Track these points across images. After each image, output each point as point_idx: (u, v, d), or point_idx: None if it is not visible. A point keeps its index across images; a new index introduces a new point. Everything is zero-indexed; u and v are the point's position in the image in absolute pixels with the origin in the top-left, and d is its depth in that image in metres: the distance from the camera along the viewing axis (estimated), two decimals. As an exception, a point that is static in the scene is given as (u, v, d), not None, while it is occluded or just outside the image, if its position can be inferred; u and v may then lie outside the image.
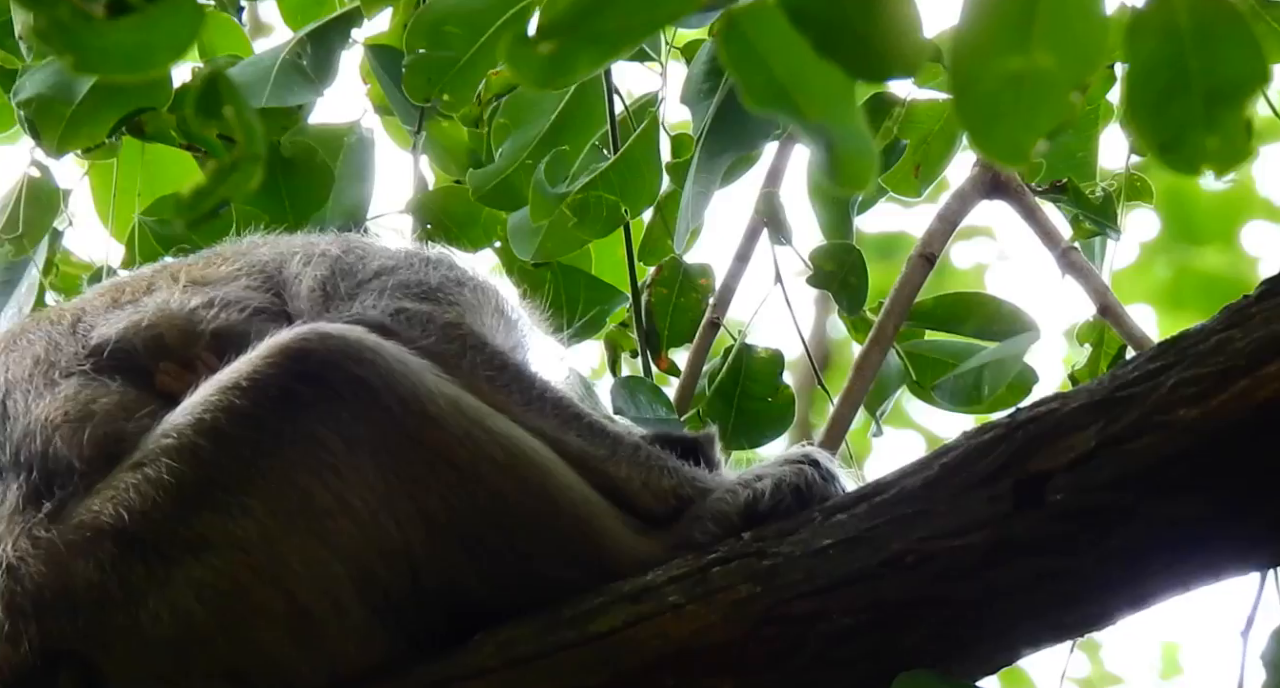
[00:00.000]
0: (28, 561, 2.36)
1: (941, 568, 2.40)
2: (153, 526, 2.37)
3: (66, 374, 2.50)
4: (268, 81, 3.41)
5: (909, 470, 2.49)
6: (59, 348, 2.55)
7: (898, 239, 5.93)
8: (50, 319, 2.66)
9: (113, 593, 2.36)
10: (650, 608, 2.40)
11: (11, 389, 2.51)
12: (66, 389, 2.47)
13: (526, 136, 3.48)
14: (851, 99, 1.88)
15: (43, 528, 2.38)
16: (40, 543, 2.37)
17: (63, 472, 2.42)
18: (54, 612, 2.36)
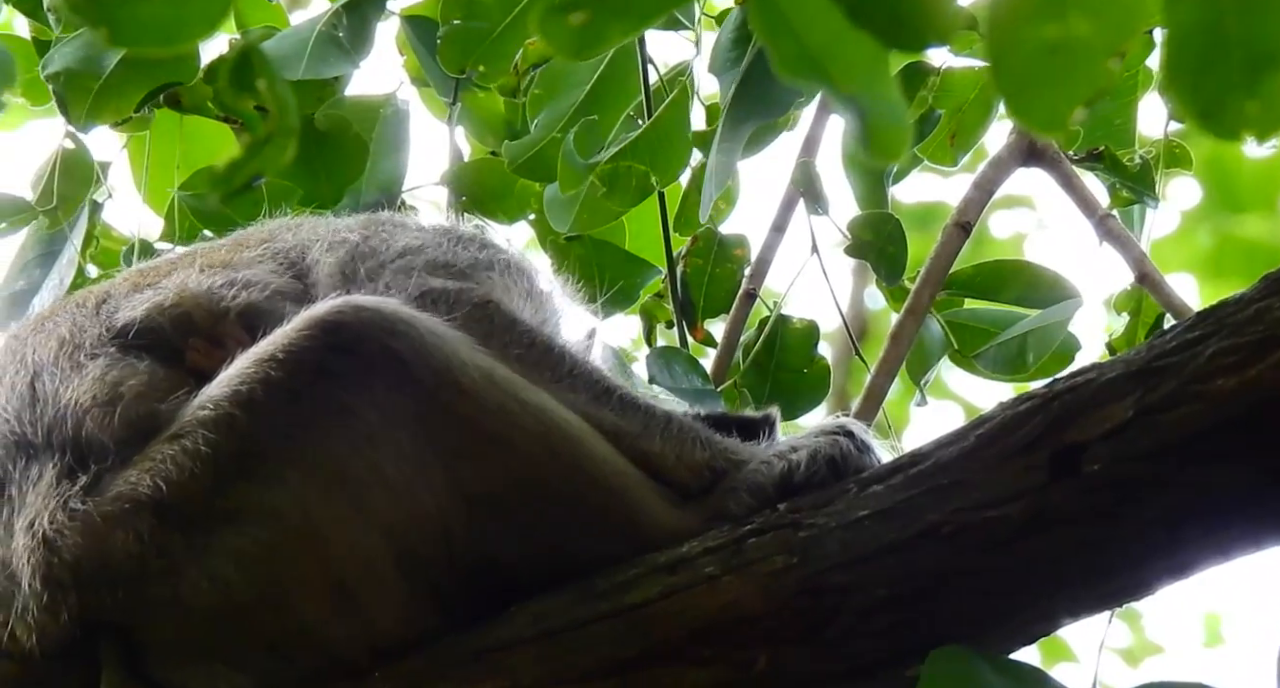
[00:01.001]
0: (65, 533, 2.38)
1: (977, 539, 2.39)
2: (190, 496, 2.38)
3: (93, 356, 2.51)
4: (304, 54, 3.41)
5: (945, 441, 2.48)
6: (84, 330, 2.56)
7: (935, 209, 5.90)
8: (75, 303, 2.67)
9: (151, 564, 2.37)
10: (685, 579, 2.41)
11: (39, 372, 2.52)
12: (94, 371, 2.49)
13: (561, 107, 3.47)
14: (885, 68, 1.87)
15: (79, 501, 2.39)
16: (77, 515, 2.38)
17: (96, 450, 2.43)
18: (92, 583, 2.37)
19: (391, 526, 2.40)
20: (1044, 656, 6.09)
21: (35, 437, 2.46)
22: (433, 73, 3.51)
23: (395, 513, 2.41)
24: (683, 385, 3.36)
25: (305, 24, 3.48)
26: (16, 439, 2.46)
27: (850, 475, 2.51)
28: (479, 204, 3.58)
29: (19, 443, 2.46)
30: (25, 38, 3.61)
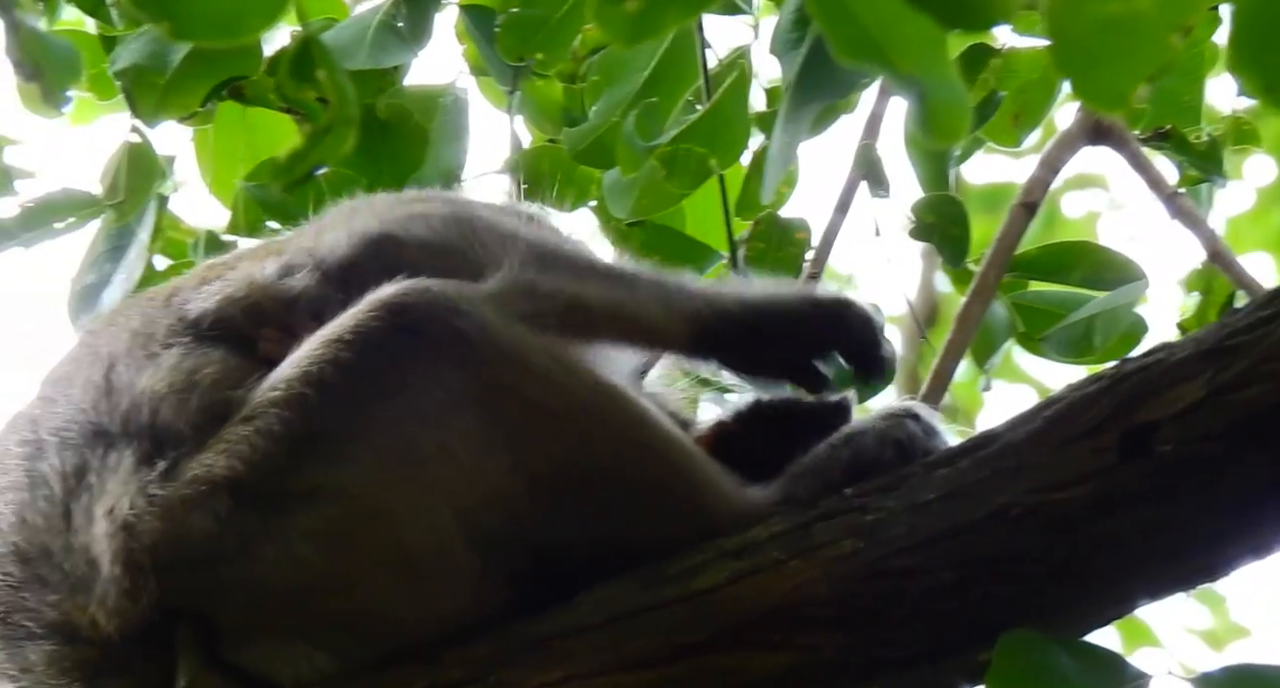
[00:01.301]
0: (144, 518, 2.40)
1: (1045, 521, 2.37)
2: (264, 476, 2.40)
3: (167, 346, 2.54)
4: (364, 43, 3.43)
5: (1013, 424, 2.46)
6: (155, 322, 2.59)
7: (1004, 189, 5.86)
8: (146, 298, 2.71)
9: (228, 545, 2.39)
10: (752, 564, 2.40)
11: (114, 363, 2.55)
12: (169, 360, 2.51)
13: (620, 93, 3.47)
14: (944, 50, 1.86)
15: (157, 486, 2.41)
16: (156, 501, 2.40)
17: (173, 437, 2.46)
18: (171, 566, 2.39)
19: (460, 506, 2.41)
20: (1124, 639, 6.04)
21: (112, 425, 2.49)
22: (491, 61, 3.52)
23: (464, 493, 2.42)
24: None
25: (365, 14, 3.49)
26: (94, 428, 2.49)
27: (917, 459, 2.50)
28: (540, 191, 3.58)
29: (96, 432, 2.49)
30: (91, 33, 3.65)
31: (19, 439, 2.57)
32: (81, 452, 2.48)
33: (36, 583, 2.46)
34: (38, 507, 2.47)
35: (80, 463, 2.47)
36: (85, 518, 2.44)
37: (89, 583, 2.42)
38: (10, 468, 2.54)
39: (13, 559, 2.48)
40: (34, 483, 2.49)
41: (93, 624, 2.42)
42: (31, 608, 2.47)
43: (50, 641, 2.46)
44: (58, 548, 2.45)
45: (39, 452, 2.52)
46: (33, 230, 3.64)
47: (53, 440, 2.52)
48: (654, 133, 3.38)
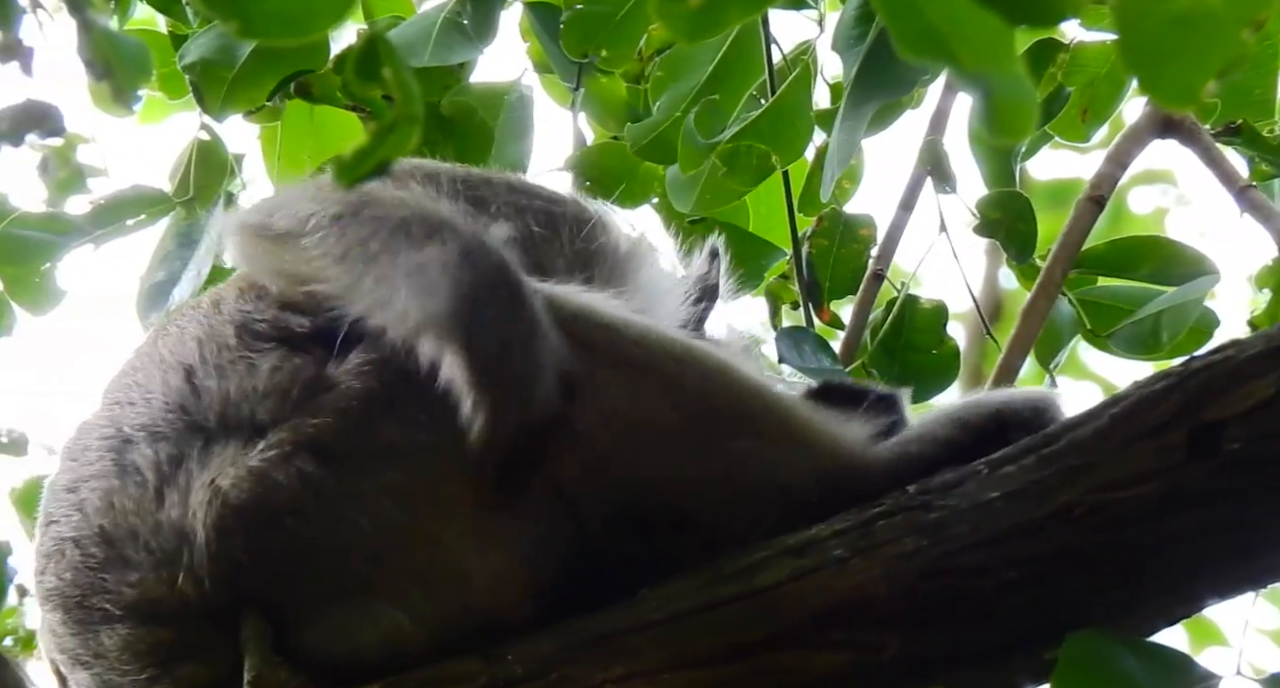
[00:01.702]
0: (239, 484, 2.44)
1: (1110, 520, 2.36)
2: (343, 435, 2.43)
3: (254, 350, 2.56)
4: (429, 41, 3.45)
5: (1077, 421, 2.44)
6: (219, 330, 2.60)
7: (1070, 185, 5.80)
8: (191, 308, 2.71)
9: (309, 503, 2.42)
10: (814, 562, 2.39)
11: (191, 369, 2.57)
12: (264, 362, 2.53)
13: (683, 89, 3.47)
14: (1010, 46, 1.84)
15: (255, 458, 2.45)
16: (252, 471, 2.44)
17: (274, 426, 2.48)
18: (258, 528, 2.42)
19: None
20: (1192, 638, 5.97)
21: (209, 422, 2.52)
22: (556, 58, 3.53)
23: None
24: (811, 366, 3.34)
25: (430, 11, 3.52)
26: (188, 424, 2.52)
27: (1052, 423, 2.49)
28: (603, 188, 3.59)
29: (191, 426, 2.52)
30: (162, 32, 3.69)
31: (100, 435, 2.59)
32: (177, 443, 2.51)
33: (119, 564, 2.49)
34: (128, 492, 2.50)
35: (177, 453, 2.50)
36: (180, 496, 2.46)
37: (176, 556, 2.44)
38: (95, 460, 2.57)
39: (96, 542, 2.51)
40: (124, 471, 2.52)
41: (174, 597, 2.44)
42: (110, 590, 2.49)
43: (126, 624, 2.48)
44: (146, 528, 2.47)
45: (127, 444, 2.54)
46: (104, 228, 3.69)
47: (141, 435, 2.54)
48: (716, 129, 3.37)
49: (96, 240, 3.69)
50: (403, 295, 2.41)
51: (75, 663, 2.55)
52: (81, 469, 2.58)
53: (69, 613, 2.54)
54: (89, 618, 2.52)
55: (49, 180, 3.64)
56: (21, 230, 3.63)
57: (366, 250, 2.47)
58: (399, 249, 2.46)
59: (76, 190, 3.70)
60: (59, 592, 2.55)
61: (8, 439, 4.16)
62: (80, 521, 2.54)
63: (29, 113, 2.38)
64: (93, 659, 2.52)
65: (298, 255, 2.54)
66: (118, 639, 2.49)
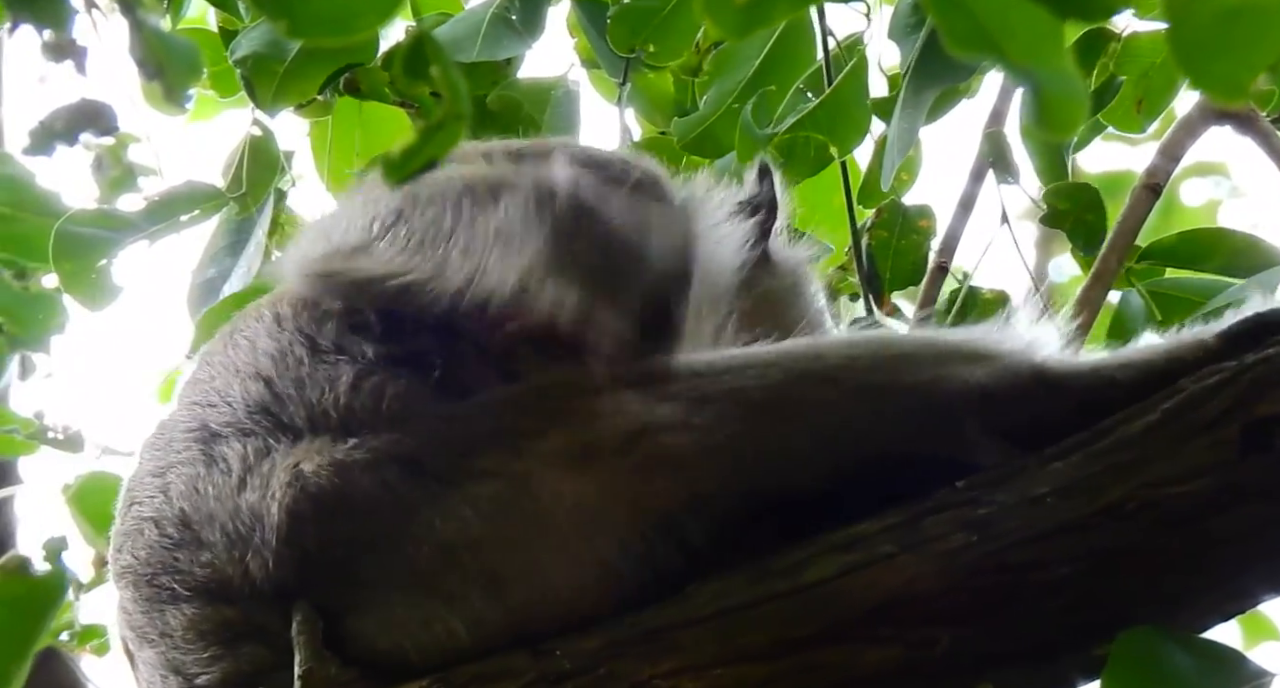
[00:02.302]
0: (321, 472, 2.45)
1: (1163, 515, 2.34)
2: (440, 457, 2.44)
3: (329, 362, 2.58)
4: (478, 36, 3.46)
5: (1128, 416, 2.42)
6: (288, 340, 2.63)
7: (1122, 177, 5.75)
8: (253, 319, 2.72)
9: (388, 505, 2.43)
10: (861, 558, 2.39)
11: (270, 379, 2.59)
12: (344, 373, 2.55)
13: (731, 83, 3.47)
14: (1059, 40, 1.83)
15: (343, 453, 2.47)
16: (336, 463, 2.46)
17: (362, 426, 2.50)
18: (330, 516, 2.44)
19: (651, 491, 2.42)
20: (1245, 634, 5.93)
21: (296, 422, 2.54)
22: (603, 53, 3.54)
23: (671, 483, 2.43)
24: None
25: (479, 7, 3.53)
26: (276, 423, 2.55)
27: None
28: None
29: (280, 425, 2.54)
30: (213, 30, 3.71)
31: (185, 429, 2.62)
32: (265, 439, 2.53)
33: (194, 544, 2.51)
34: (213, 479, 2.53)
35: (264, 447, 2.52)
36: (262, 481, 2.48)
37: (249, 537, 2.47)
38: (182, 449, 2.60)
39: (175, 523, 2.54)
40: (211, 460, 2.55)
41: (241, 578, 2.47)
42: (182, 569, 2.52)
43: (193, 603, 2.50)
44: (225, 512, 2.49)
45: (215, 438, 2.57)
46: (158, 224, 3.72)
47: (229, 431, 2.57)
48: (770, 121, 3.36)
49: (151, 236, 3.72)
50: (495, 258, 2.42)
51: (143, 641, 2.57)
52: (169, 457, 2.61)
53: (139, 591, 2.57)
54: (157, 596, 2.54)
55: (102, 179, 3.67)
56: (78, 227, 3.66)
57: (441, 228, 2.50)
58: (473, 217, 2.48)
59: (128, 189, 3.73)
60: (132, 570, 2.58)
61: (63, 436, 4.21)
62: (162, 502, 2.57)
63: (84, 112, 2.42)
64: (159, 638, 2.55)
65: (375, 261, 2.56)
66: (184, 618, 2.51)
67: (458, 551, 2.42)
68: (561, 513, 2.42)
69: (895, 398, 2.47)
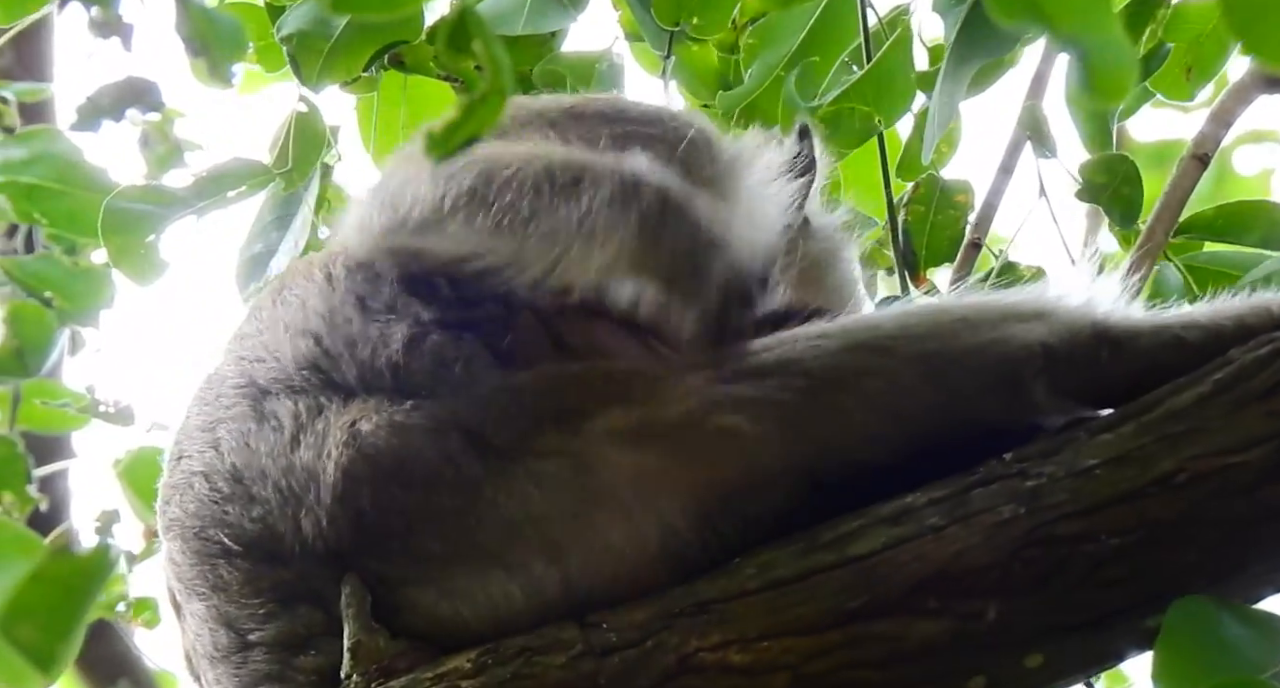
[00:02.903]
0: (379, 432, 2.45)
1: (1215, 487, 2.33)
2: (505, 432, 2.44)
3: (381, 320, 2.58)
4: (523, 9, 3.45)
5: (1178, 387, 2.41)
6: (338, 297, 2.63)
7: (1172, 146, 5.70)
8: (303, 277, 2.72)
9: (448, 475, 2.43)
10: (909, 530, 2.38)
11: (319, 336, 2.59)
12: (396, 331, 2.55)
13: (775, 56, 3.45)
14: (1106, 6, 1.81)
15: (402, 415, 2.46)
16: (396, 424, 2.45)
17: (416, 390, 2.50)
18: (387, 481, 2.43)
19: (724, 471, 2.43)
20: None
21: (347, 381, 2.53)
22: (647, 27, 3.52)
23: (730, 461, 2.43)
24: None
25: (526, -21, 3.52)
26: (326, 381, 2.54)
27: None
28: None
29: (329, 383, 2.53)
30: (259, 5, 3.72)
31: (234, 384, 2.61)
32: (316, 397, 2.52)
33: (244, 499, 2.50)
34: (264, 436, 2.52)
35: (315, 405, 2.51)
36: (317, 440, 2.48)
37: (302, 495, 2.46)
38: (231, 404, 2.59)
39: (226, 478, 2.53)
40: (262, 417, 2.54)
41: (294, 537, 2.46)
42: (231, 523, 2.51)
43: (247, 559, 2.50)
44: (278, 469, 2.48)
45: (264, 395, 2.56)
46: (206, 200, 3.73)
47: (278, 387, 2.56)
48: (814, 93, 3.35)
49: (199, 212, 3.73)
50: (579, 247, 2.44)
51: (192, 593, 2.57)
52: (218, 411, 2.60)
53: (187, 544, 2.56)
54: (206, 549, 2.54)
55: (148, 155, 3.69)
56: (127, 203, 3.68)
57: (519, 214, 2.49)
58: (555, 205, 2.49)
59: (174, 165, 3.74)
60: (179, 522, 2.57)
61: (114, 410, 4.24)
62: (213, 457, 2.56)
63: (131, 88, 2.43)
64: (210, 591, 2.54)
65: (450, 240, 2.55)
66: (239, 574, 2.51)
67: (520, 524, 2.42)
68: (622, 488, 2.42)
69: (954, 361, 2.46)
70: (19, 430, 4.26)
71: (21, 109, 4.25)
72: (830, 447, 2.45)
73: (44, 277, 4.10)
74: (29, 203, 3.92)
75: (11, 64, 4.75)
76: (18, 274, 4.10)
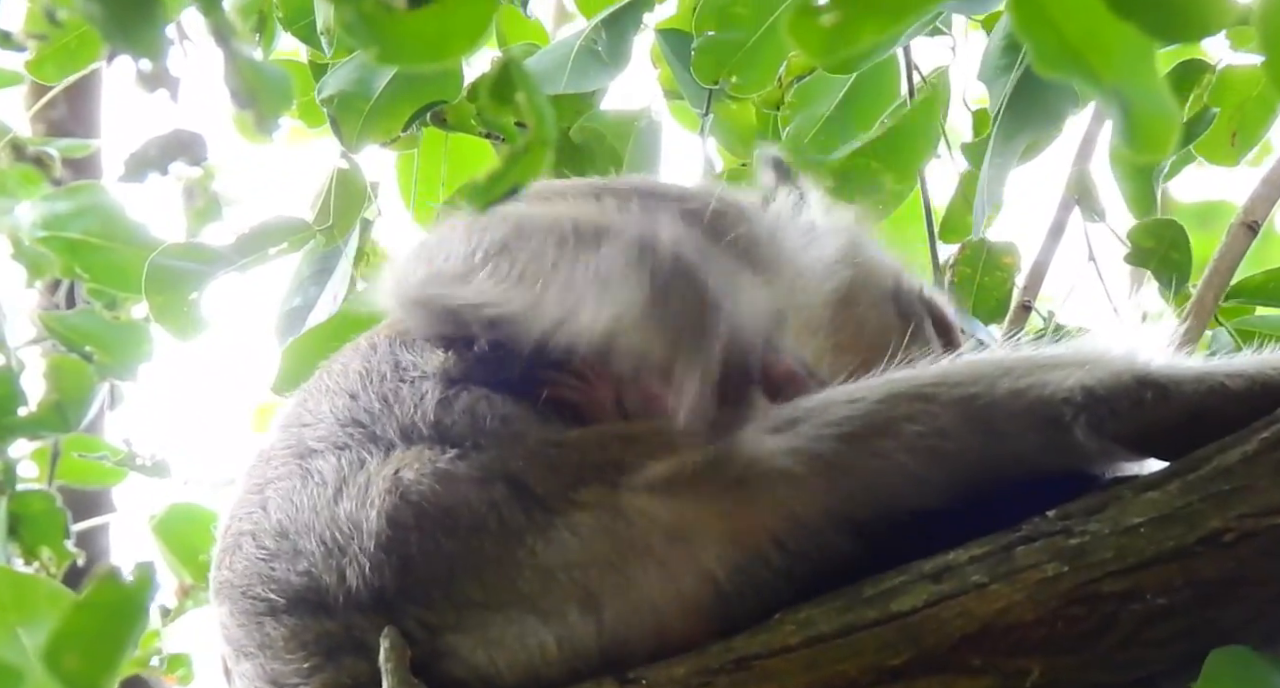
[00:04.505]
0: (423, 480, 2.46)
1: (1263, 546, 2.30)
2: (549, 484, 2.45)
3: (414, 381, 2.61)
4: (565, 68, 3.47)
5: (1225, 445, 2.38)
6: (387, 363, 2.67)
7: (1217, 207, 5.68)
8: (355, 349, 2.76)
9: (491, 523, 2.44)
10: (952, 587, 2.36)
11: (354, 396, 2.63)
12: (432, 392, 2.58)
13: (815, 114, 3.45)
14: (1150, 59, 1.81)
15: (446, 463, 2.48)
16: (440, 471, 2.47)
17: (458, 439, 2.52)
18: (432, 529, 2.44)
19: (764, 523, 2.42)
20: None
21: (389, 434, 2.56)
22: (686, 85, 3.54)
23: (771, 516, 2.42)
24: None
25: (566, 39, 3.55)
26: (368, 435, 2.56)
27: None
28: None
29: (371, 438, 2.56)
30: (303, 62, 3.76)
31: (283, 448, 2.65)
32: (358, 452, 2.54)
33: (290, 554, 2.52)
34: (309, 492, 2.54)
35: (357, 458, 2.54)
36: (359, 491, 2.49)
37: (346, 545, 2.47)
38: (280, 466, 2.62)
39: (272, 535, 2.55)
40: (308, 474, 2.56)
41: (339, 587, 2.46)
42: (278, 578, 2.52)
43: (292, 614, 2.50)
44: (322, 522, 2.50)
45: (311, 453, 2.59)
46: (247, 257, 3.76)
47: (323, 446, 2.58)
48: (834, 147, 3.36)
49: (241, 269, 3.76)
50: (590, 301, 2.45)
51: (240, 654, 2.57)
52: (266, 474, 2.63)
53: (235, 604, 2.58)
54: (254, 608, 2.55)
55: (189, 209, 3.72)
56: (170, 260, 3.70)
57: (542, 266, 2.52)
58: (575, 258, 2.51)
59: (213, 219, 3.77)
60: (229, 583, 2.59)
61: (151, 463, 4.25)
62: (260, 516, 2.58)
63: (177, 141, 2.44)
64: (256, 650, 2.54)
65: (473, 290, 2.58)
66: (283, 629, 2.51)
67: (558, 574, 2.42)
68: (658, 538, 2.41)
69: (994, 404, 2.44)
70: (57, 485, 4.28)
71: (68, 162, 4.29)
72: (870, 492, 2.43)
73: (84, 331, 4.14)
74: (72, 257, 3.96)
75: (64, 116, 4.81)
76: (59, 329, 4.14)
